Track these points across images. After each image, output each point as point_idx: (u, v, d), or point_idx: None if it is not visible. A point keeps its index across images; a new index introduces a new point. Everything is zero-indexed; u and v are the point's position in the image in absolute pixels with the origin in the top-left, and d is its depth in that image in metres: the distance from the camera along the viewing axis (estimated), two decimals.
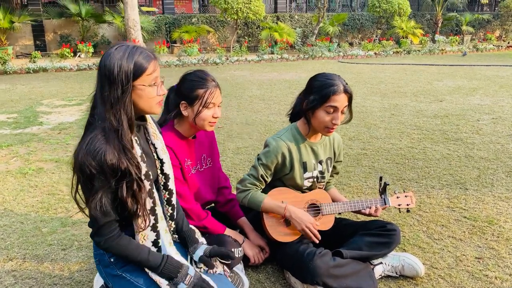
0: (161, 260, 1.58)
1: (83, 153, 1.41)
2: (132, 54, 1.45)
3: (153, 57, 1.51)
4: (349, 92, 2.05)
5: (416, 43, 17.11)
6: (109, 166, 1.42)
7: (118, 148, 1.45)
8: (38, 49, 13.63)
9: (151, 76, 1.49)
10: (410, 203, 2.25)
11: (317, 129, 2.09)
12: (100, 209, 1.44)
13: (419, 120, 5.39)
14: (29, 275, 2.19)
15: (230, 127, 5.14)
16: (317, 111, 2.04)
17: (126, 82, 1.43)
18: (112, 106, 1.43)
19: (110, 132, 1.44)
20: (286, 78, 9.35)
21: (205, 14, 16.78)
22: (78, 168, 1.43)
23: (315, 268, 1.90)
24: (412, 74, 9.77)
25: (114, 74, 1.42)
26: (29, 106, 6.42)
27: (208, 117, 1.98)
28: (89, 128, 1.49)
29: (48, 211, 2.93)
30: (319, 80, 2.09)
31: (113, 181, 1.45)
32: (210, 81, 1.99)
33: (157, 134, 1.70)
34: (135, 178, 1.49)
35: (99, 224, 1.49)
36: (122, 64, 1.42)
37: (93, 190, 1.44)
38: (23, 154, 4.14)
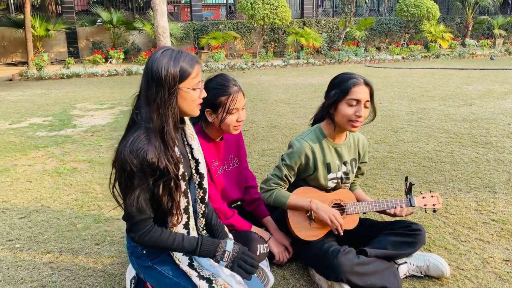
0: (196, 242, 1.63)
1: (127, 151, 1.48)
2: (178, 58, 1.53)
3: (196, 61, 1.58)
4: (370, 85, 2.09)
5: (445, 47, 16.80)
6: (150, 166, 1.49)
7: (160, 148, 1.52)
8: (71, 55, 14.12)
9: (195, 80, 1.56)
10: (436, 203, 2.24)
11: (342, 125, 2.12)
12: (136, 206, 1.51)
13: (447, 124, 5.32)
14: (65, 267, 2.31)
15: (255, 129, 5.21)
16: (340, 105, 2.08)
17: (173, 84, 1.51)
18: (158, 107, 1.51)
19: (153, 132, 1.51)
20: (312, 82, 9.37)
21: (232, 20, 16.99)
22: (120, 165, 1.50)
23: (339, 265, 1.93)
24: (441, 78, 9.62)
25: (162, 77, 1.49)
26: (63, 110, 6.67)
27: (232, 122, 2.03)
28: (132, 127, 1.56)
29: (82, 208, 3.06)
30: (339, 77, 2.15)
31: (151, 180, 1.52)
32: (232, 87, 2.03)
33: (193, 135, 1.77)
34: (172, 177, 1.56)
35: (134, 221, 1.55)
36: (169, 68, 1.50)
37: (131, 188, 1.51)
38: (58, 155, 4.33)
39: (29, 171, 3.85)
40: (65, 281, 2.18)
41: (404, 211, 2.23)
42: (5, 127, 5.58)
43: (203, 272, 1.67)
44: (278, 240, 2.28)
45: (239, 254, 1.65)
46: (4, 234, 2.70)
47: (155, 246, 1.61)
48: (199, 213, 1.80)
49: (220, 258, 1.64)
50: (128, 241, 1.75)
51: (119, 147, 1.53)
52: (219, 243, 1.66)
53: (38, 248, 2.52)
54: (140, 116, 1.55)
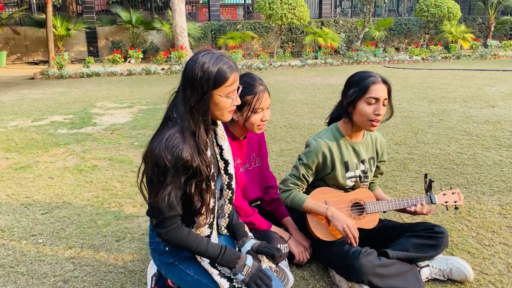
0: (219, 251, 1.64)
1: (162, 147, 1.49)
2: (216, 63, 1.52)
3: (235, 68, 1.57)
4: (388, 83, 2.08)
5: (467, 48, 16.50)
6: (183, 163, 1.50)
7: (193, 148, 1.53)
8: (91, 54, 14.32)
9: (229, 88, 1.56)
10: (458, 200, 2.20)
11: (360, 124, 2.10)
12: (167, 202, 1.51)
13: (469, 126, 5.22)
14: (87, 263, 2.34)
15: (273, 130, 5.20)
16: (358, 104, 2.07)
17: (207, 89, 1.51)
18: (191, 108, 1.52)
19: (188, 131, 1.52)
20: (330, 83, 9.31)
21: (249, 20, 17.01)
22: (154, 160, 1.50)
23: (361, 266, 1.91)
24: (462, 80, 9.45)
25: (197, 79, 1.50)
26: (84, 108, 6.77)
27: (257, 121, 2.04)
28: (168, 123, 1.57)
29: (102, 205, 3.10)
30: (356, 76, 2.14)
31: (183, 178, 1.53)
32: (258, 86, 2.03)
33: (224, 136, 1.77)
34: (204, 178, 1.57)
35: (164, 217, 1.56)
36: (205, 71, 1.50)
37: (164, 184, 1.51)
38: (79, 152, 4.39)
39: (51, 168, 3.92)
40: (86, 277, 2.21)
41: (424, 208, 2.19)
42: (27, 124, 5.69)
43: (224, 270, 1.67)
44: (298, 240, 2.27)
45: (257, 272, 1.65)
46: (27, 229, 2.74)
47: (180, 245, 1.62)
48: (225, 213, 1.80)
49: (239, 271, 1.63)
50: (151, 237, 1.77)
51: (154, 142, 1.53)
52: (240, 256, 1.66)
53: (60, 243, 2.56)
54: (176, 113, 1.55)
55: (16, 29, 14.29)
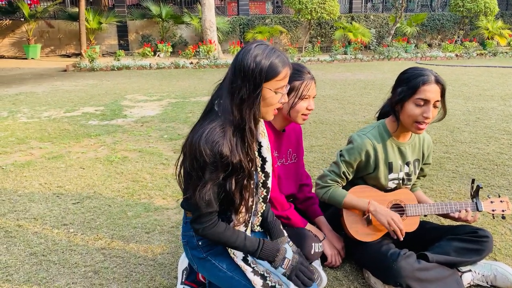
0: (258, 244, 1.59)
1: (202, 141, 1.43)
2: (270, 55, 1.46)
3: (287, 63, 1.50)
4: (442, 83, 1.93)
5: (503, 45, 15.90)
6: (223, 159, 1.44)
7: (235, 143, 1.47)
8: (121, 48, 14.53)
9: (279, 83, 1.49)
10: (506, 209, 2.07)
11: (406, 125, 1.99)
12: (206, 199, 1.47)
13: (509, 125, 4.99)
14: (117, 254, 2.33)
15: (303, 125, 5.10)
16: (406, 104, 1.94)
17: (260, 80, 1.44)
18: (241, 102, 1.45)
19: (231, 126, 1.46)
20: (360, 78, 9.12)
21: (278, 15, 16.88)
22: (193, 155, 1.46)
23: (400, 269, 1.82)
24: (499, 77, 9.09)
25: (250, 71, 1.43)
26: (114, 100, 6.85)
27: (302, 109, 1.99)
28: (209, 116, 1.51)
29: (132, 196, 3.10)
30: (408, 72, 2.00)
31: (222, 174, 1.48)
32: (306, 73, 2.00)
33: (264, 133, 1.71)
34: (246, 174, 1.51)
35: (201, 213, 1.51)
36: (258, 62, 1.44)
37: (203, 179, 1.46)
38: (109, 144, 4.43)
39: (82, 158, 3.96)
40: (116, 268, 2.20)
41: (469, 215, 2.08)
42: (60, 115, 5.79)
43: (257, 267, 1.62)
44: (332, 241, 2.19)
45: (298, 264, 1.60)
46: (59, 218, 2.77)
47: (217, 241, 1.57)
48: (258, 211, 1.74)
49: (280, 264, 1.59)
50: (184, 230, 1.73)
51: (194, 135, 1.48)
52: (279, 249, 1.61)
53: (90, 233, 2.57)
54: (220, 105, 1.50)
55: (50, 22, 14.64)
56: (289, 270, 1.58)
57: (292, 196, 2.28)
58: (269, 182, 1.72)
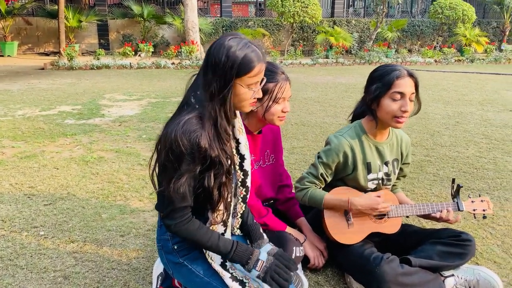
0: (231, 246, 1.52)
1: (179, 132, 1.36)
2: (243, 49, 1.38)
3: (262, 59, 1.43)
4: (415, 77, 1.92)
5: (480, 52, 16.22)
6: (200, 150, 1.37)
7: (213, 136, 1.40)
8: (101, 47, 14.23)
9: (252, 79, 1.42)
10: (487, 209, 2.05)
11: (386, 122, 1.95)
12: (181, 192, 1.40)
13: (487, 129, 5.05)
14: (89, 258, 2.23)
15: (285, 127, 5.06)
16: (382, 100, 1.92)
17: (230, 76, 1.37)
18: (212, 95, 1.39)
19: (206, 119, 1.39)
20: (341, 82, 9.15)
21: (261, 17, 16.85)
22: (169, 146, 1.38)
23: (382, 274, 1.78)
24: (477, 83, 9.24)
25: (220, 64, 1.37)
26: (92, 99, 6.68)
27: (277, 112, 1.91)
28: (185, 108, 1.44)
29: (107, 197, 2.99)
30: (379, 70, 1.98)
31: (199, 166, 1.40)
32: (280, 74, 1.91)
33: (242, 129, 1.64)
34: (225, 170, 1.44)
35: (174, 207, 1.44)
36: (230, 56, 1.37)
37: (178, 172, 1.39)
38: (85, 143, 4.29)
39: (57, 158, 3.81)
40: (88, 273, 2.09)
41: (450, 215, 2.04)
42: (35, 113, 5.60)
43: (236, 273, 1.55)
44: (314, 243, 2.13)
45: (273, 266, 1.52)
46: (29, 220, 2.64)
47: (189, 238, 1.49)
48: (238, 212, 1.67)
49: (253, 266, 1.51)
50: (159, 234, 1.64)
51: (170, 126, 1.41)
52: (253, 251, 1.54)
53: (62, 236, 2.45)
54: (195, 98, 1.43)
55: (28, 19, 14.27)
56: (263, 272, 1.50)
57: (272, 198, 2.22)
58: (248, 180, 1.65)
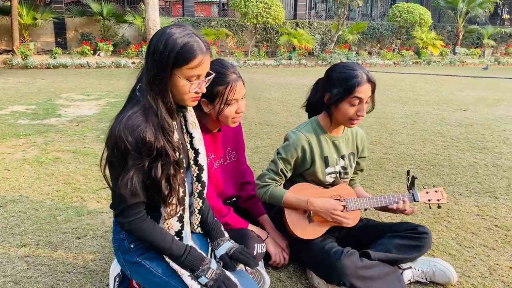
0: (184, 250, 1.49)
1: (122, 127, 1.32)
2: (184, 38, 1.34)
3: (205, 51, 1.38)
4: (373, 81, 1.97)
5: (436, 54, 16.88)
6: (146, 144, 1.33)
7: (157, 128, 1.36)
8: (59, 46, 13.76)
9: (192, 71, 1.37)
10: (441, 199, 2.11)
11: (341, 122, 2.02)
12: (130, 188, 1.35)
13: (443, 128, 5.24)
14: (42, 262, 2.12)
15: (248, 127, 5.06)
16: (341, 104, 1.96)
17: (166, 65, 1.33)
18: (151, 85, 1.35)
19: (150, 110, 1.36)
20: (304, 83, 9.25)
21: (224, 18, 16.82)
22: (114, 142, 1.34)
23: (343, 267, 1.79)
24: (433, 84, 9.60)
25: (158, 52, 1.33)
26: (48, 99, 6.42)
27: (231, 114, 1.82)
28: (130, 102, 1.41)
29: (63, 199, 2.87)
30: (340, 72, 1.99)
31: (147, 160, 1.36)
32: (230, 74, 1.81)
33: (195, 123, 1.60)
34: (172, 161, 1.40)
35: (126, 204, 1.40)
36: (169, 45, 1.32)
37: (125, 168, 1.35)
38: (40, 144, 4.11)
39: (8, 159, 3.63)
40: (41, 277, 1.99)
41: (407, 206, 2.08)
42: None
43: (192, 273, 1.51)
44: (276, 240, 2.13)
45: (222, 276, 1.50)
46: None
47: (143, 237, 1.45)
48: (195, 208, 1.63)
49: (203, 273, 1.48)
50: (114, 234, 1.58)
51: (114, 122, 1.37)
52: (205, 258, 1.51)
53: (13, 240, 2.32)
54: (140, 90, 1.39)
55: None
56: (212, 281, 1.48)
57: (234, 196, 2.20)
58: (204, 175, 1.62)
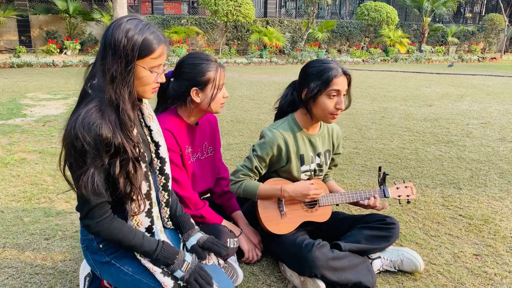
0: (156, 245, 1.47)
1: (78, 126, 1.30)
2: (143, 30, 1.35)
3: (163, 40, 1.40)
4: (348, 74, 2.00)
5: (403, 52, 17.32)
6: (104, 141, 1.31)
7: (115, 123, 1.34)
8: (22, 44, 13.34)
9: (155, 61, 1.39)
10: (411, 194, 2.18)
11: (320, 118, 2.01)
12: (92, 188, 1.33)
13: (410, 123, 5.39)
14: (9, 264, 2.07)
15: (220, 124, 5.05)
16: (320, 98, 1.97)
17: (132, 57, 1.33)
18: (113, 79, 1.33)
19: (108, 105, 1.34)
20: (276, 80, 9.31)
21: (194, 15, 16.69)
22: (70, 142, 1.31)
23: (314, 259, 1.82)
24: (401, 81, 9.84)
25: (121, 47, 1.31)
26: (13, 99, 6.22)
27: (220, 99, 1.95)
28: (83, 100, 1.38)
29: (30, 200, 2.80)
30: (315, 66, 2.01)
31: (106, 157, 1.34)
32: (215, 61, 1.94)
33: (152, 116, 1.59)
34: (131, 158, 1.38)
35: (90, 206, 1.37)
36: (131, 37, 1.32)
37: (84, 167, 1.32)
38: (5, 145, 3.98)
39: None
40: (8, 280, 1.94)
41: (377, 201, 2.14)
42: None
43: (167, 268, 1.51)
44: (249, 236, 2.14)
45: (197, 268, 1.51)
46: None
47: (112, 238, 1.43)
48: (162, 202, 1.62)
49: (179, 267, 1.48)
50: (82, 235, 1.55)
51: (69, 122, 1.34)
52: (179, 252, 1.51)
53: None
54: (93, 87, 1.36)
55: None
56: (188, 273, 1.48)
57: (209, 191, 2.20)
58: (167, 168, 1.62)
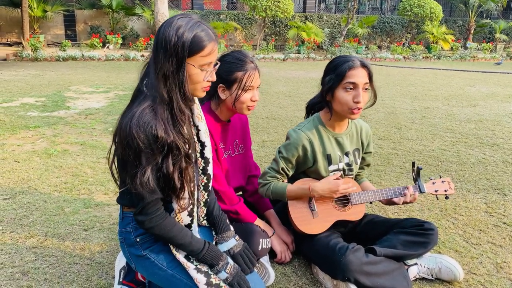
0: (203, 246, 1.50)
1: (133, 125, 1.32)
2: (193, 28, 1.35)
3: (213, 38, 1.40)
4: (368, 67, 1.94)
5: (447, 49, 16.69)
6: (158, 141, 1.34)
7: (167, 121, 1.36)
8: (68, 38, 13.84)
9: (205, 59, 1.39)
10: (448, 189, 2.08)
11: (341, 113, 1.96)
12: (148, 186, 1.35)
13: (452, 124, 5.19)
14: (50, 253, 2.15)
15: (255, 120, 5.06)
16: (336, 91, 1.93)
17: (182, 56, 1.34)
18: (165, 78, 1.35)
19: (160, 103, 1.35)
20: (313, 77, 9.21)
21: (233, 11, 16.76)
22: (125, 141, 1.34)
23: (348, 263, 1.79)
24: (443, 79, 9.50)
25: (171, 44, 1.33)
26: (58, 91, 6.47)
27: (247, 101, 1.90)
28: (137, 98, 1.40)
29: (71, 191, 2.90)
30: (334, 61, 2.00)
31: (159, 156, 1.37)
32: (249, 63, 1.90)
33: (201, 116, 1.60)
34: (183, 154, 1.40)
35: (145, 202, 1.40)
36: (181, 35, 1.33)
37: (141, 167, 1.35)
38: (49, 136, 4.14)
39: (18, 151, 3.67)
40: (48, 268, 2.02)
41: (413, 197, 2.06)
42: None
43: (200, 265, 1.52)
44: (281, 237, 2.13)
45: (239, 272, 1.54)
46: None
47: (163, 234, 1.46)
48: (201, 201, 1.64)
49: (223, 268, 1.51)
50: (120, 226, 1.59)
51: (123, 120, 1.37)
52: (222, 254, 1.54)
53: (21, 231, 2.35)
54: (147, 85, 1.38)
55: None
56: (232, 276, 1.50)
57: (241, 188, 2.20)
58: (210, 168, 1.62)
